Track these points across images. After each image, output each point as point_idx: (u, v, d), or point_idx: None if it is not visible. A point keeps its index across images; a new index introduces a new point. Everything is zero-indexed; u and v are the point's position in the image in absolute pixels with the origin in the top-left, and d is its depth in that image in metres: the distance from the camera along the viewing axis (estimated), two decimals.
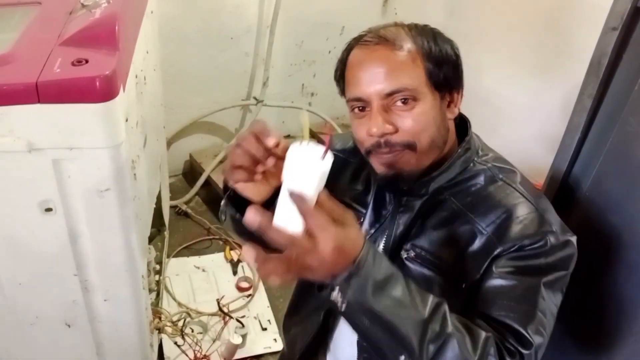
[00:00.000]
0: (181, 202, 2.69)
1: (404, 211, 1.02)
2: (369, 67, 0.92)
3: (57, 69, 1.11)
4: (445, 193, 1.00)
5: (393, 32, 0.94)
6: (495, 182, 0.99)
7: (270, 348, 2.05)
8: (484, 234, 0.95)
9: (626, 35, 1.01)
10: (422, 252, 1.00)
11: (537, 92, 2.31)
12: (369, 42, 0.94)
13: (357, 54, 0.96)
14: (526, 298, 0.89)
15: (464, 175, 1.00)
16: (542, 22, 2.23)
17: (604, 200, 1.10)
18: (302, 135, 0.78)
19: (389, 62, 0.91)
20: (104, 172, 1.20)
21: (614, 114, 1.05)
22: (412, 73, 0.91)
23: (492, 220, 0.95)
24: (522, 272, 0.91)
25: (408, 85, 0.90)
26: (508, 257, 0.92)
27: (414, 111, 0.92)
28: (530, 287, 0.90)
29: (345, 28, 2.92)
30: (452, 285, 0.97)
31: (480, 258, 0.94)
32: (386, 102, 0.92)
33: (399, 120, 0.92)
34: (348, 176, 1.14)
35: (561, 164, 1.16)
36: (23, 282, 1.36)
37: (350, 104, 0.96)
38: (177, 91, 2.62)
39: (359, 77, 0.93)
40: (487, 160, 1.02)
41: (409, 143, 0.92)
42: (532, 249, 0.91)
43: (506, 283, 0.91)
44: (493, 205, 0.96)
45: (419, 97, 0.92)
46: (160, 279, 2.16)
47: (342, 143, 1.18)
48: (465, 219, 0.97)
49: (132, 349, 1.58)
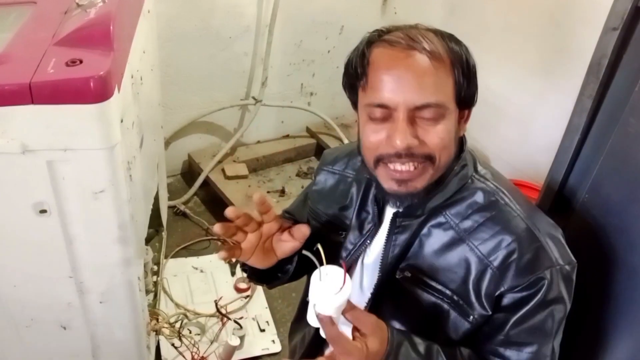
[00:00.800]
0: (179, 203, 2.68)
1: (399, 232, 0.99)
2: (401, 74, 0.85)
3: (50, 70, 1.10)
4: (443, 213, 0.97)
5: (429, 38, 0.87)
6: (496, 203, 0.95)
7: (268, 349, 2.03)
8: (488, 266, 0.92)
9: (626, 35, 0.99)
10: (420, 275, 0.98)
11: (538, 93, 2.31)
12: (400, 43, 0.86)
13: (386, 53, 0.88)
14: (537, 359, 0.93)
15: (462, 193, 0.97)
16: (543, 22, 2.22)
17: (604, 202, 1.08)
18: (322, 261, 0.84)
19: (423, 73, 0.85)
20: (99, 173, 1.19)
21: (614, 115, 1.04)
22: (445, 88, 0.87)
23: (496, 252, 0.92)
24: (533, 331, 0.92)
25: (440, 100, 0.86)
26: (514, 305, 0.92)
27: (439, 127, 0.87)
28: (543, 346, 0.93)
29: (344, 27, 2.91)
30: (456, 311, 0.96)
31: (485, 293, 0.93)
32: (413, 114, 0.86)
33: (423, 134, 0.87)
34: (337, 190, 1.12)
35: (561, 166, 1.15)
36: (18, 284, 1.35)
37: (369, 109, 0.89)
38: (175, 91, 2.61)
39: (386, 81, 0.86)
40: (485, 176, 0.99)
41: (431, 155, 0.88)
42: (536, 291, 0.90)
43: (520, 342, 0.93)
44: (496, 233, 0.93)
45: (446, 114, 0.87)
46: (158, 279, 2.15)
47: (331, 157, 1.17)
48: (469, 245, 0.94)
49: (128, 351, 1.58)
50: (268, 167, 2.98)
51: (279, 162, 3.02)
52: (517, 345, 0.93)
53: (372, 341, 0.83)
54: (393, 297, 1.02)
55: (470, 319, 0.95)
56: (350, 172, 1.11)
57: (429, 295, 0.98)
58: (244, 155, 2.92)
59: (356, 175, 1.09)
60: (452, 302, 0.96)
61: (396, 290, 1.01)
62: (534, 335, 0.92)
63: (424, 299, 0.98)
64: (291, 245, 0.97)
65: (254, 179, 2.86)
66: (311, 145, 3.10)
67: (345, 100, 0.96)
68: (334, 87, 3.05)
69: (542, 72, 2.27)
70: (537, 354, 0.93)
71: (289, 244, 0.97)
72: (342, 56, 0.98)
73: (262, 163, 2.95)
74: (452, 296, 0.96)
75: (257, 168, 2.94)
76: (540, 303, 0.90)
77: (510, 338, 0.93)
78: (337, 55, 2.95)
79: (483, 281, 0.93)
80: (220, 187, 2.67)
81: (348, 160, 1.12)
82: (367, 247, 1.05)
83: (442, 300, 0.97)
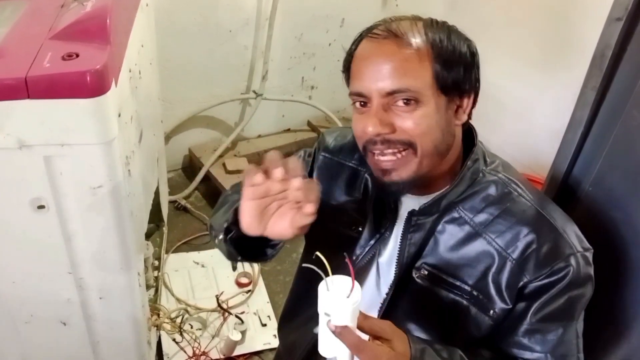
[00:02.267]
0: (180, 197, 2.68)
1: (414, 230, 0.99)
2: (374, 62, 0.88)
3: (47, 64, 1.09)
4: (457, 208, 0.96)
5: (405, 26, 0.89)
6: (509, 195, 0.95)
7: (269, 344, 2.03)
8: (507, 259, 0.92)
9: (630, 26, 0.98)
10: (437, 272, 0.97)
11: (541, 86, 2.29)
12: (378, 36, 0.89)
13: (365, 46, 0.91)
14: (565, 345, 0.93)
15: (475, 187, 0.96)
16: (545, 14, 2.21)
17: (607, 195, 1.07)
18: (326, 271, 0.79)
19: (394, 59, 0.87)
20: (97, 168, 1.18)
21: (617, 107, 1.02)
22: (417, 73, 0.87)
23: (514, 243, 0.92)
24: (556, 316, 0.91)
25: (411, 86, 0.86)
26: (537, 293, 0.91)
27: (415, 113, 0.87)
28: (567, 332, 0.93)
29: (345, 20, 2.90)
30: (476, 307, 0.95)
31: (505, 286, 0.93)
32: (387, 101, 0.87)
33: (398, 121, 0.88)
34: (344, 180, 1.09)
35: (563, 159, 1.14)
36: (17, 281, 1.34)
37: (352, 97, 0.92)
38: (175, 85, 2.60)
39: (362, 71, 0.89)
40: (496, 169, 0.99)
41: (409, 142, 0.88)
42: (558, 279, 0.90)
43: (543, 330, 0.92)
44: (512, 225, 0.93)
45: (422, 100, 0.87)
46: (159, 275, 2.14)
47: (335, 143, 1.13)
48: (485, 239, 0.94)
49: (129, 346, 1.57)
50: None
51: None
52: (541, 332, 0.92)
53: (397, 344, 0.81)
54: (410, 296, 1.01)
55: (490, 314, 0.94)
56: (356, 163, 1.08)
57: (447, 293, 0.97)
58: (244, 150, 2.91)
59: (368, 168, 1.05)
60: (472, 298, 0.95)
61: (413, 289, 1.00)
62: (557, 320, 0.92)
63: (442, 297, 0.97)
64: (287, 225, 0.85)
65: None
66: (312, 139, 3.08)
67: (346, 94, 0.96)
68: (335, 80, 3.00)
69: (544, 65, 2.26)
70: (561, 338, 0.92)
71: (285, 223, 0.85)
72: (342, 49, 0.99)
73: (263, 157, 2.93)
74: (471, 292, 0.95)
75: (258, 162, 2.90)
76: (562, 288, 0.90)
77: (533, 325, 0.92)
78: (338, 48, 2.90)
79: (503, 274, 0.92)
80: (221, 181, 2.66)
81: (355, 150, 1.05)
82: (385, 243, 1.04)
83: (461, 297, 0.96)
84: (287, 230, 0.84)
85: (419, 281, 0.99)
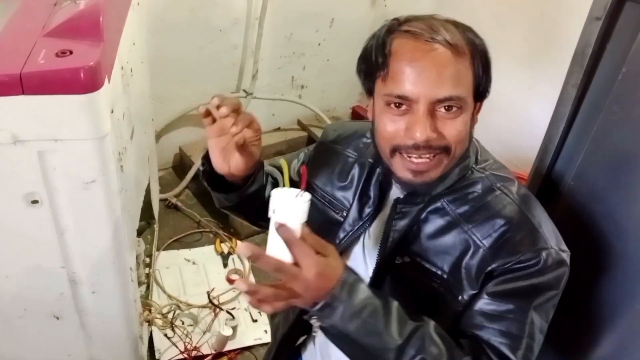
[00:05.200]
0: (171, 195, 2.69)
1: (399, 217, 1.00)
2: (424, 66, 0.85)
3: (41, 60, 1.11)
4: (442, 200, 0.98)
5: (451, 30, 0.87)
6: (493, 192, 0.97)
7: (260, 339, 2.05)
8: (480, 247, 0.93)
9: (609, 25, 1.01)
10: (417, 259, 0.99)
11: (527, 83, 2.33)
12: (423, 35, 0.86)
13: (409, 44, 0.87)
14: (517, 324, 0.91)
15: (462, 182, 0.98)
16: (531, 13, 2.24)
17: (589, 189, 1.10)
18: (283, 180, 0.87)
19: (446, 66, 0.85)
20: (90, 163, 1.20)
21: (598, 103, 1.06)
22: (466, 81, 0.87)
23: (489, 234, 0.93)
24: (513, 294, 0.91)
25: (460, 93, 0.86)
26: (501, 275, 0.92)
27: (458, 120, 0.88)
28: (521, 312, 0.91)
29: (334, 20, 2.91)
30: (449, 293, 0.97)
31: (475, 272, 0.94)
32: (433, 106, 0.87)
33: (443, 127, 0.88)
34: (337, 168, 1.12)
35: (546, 154, 1.17)
36: (10, 275, 1.36)
37: (388, 98, 0.89)
38: (166, 84, 2.61)
39: (408, 73, 0.86)
40: (486, 167, 1.01)
41: (447, 147, 0.89)
42: (525, 267, 0.90)
43: (498, 307, 0.92)
44: (490, 216, 0.94)
45: (465, 107, 0.88)
46: (150, 271, 2.16)
47: (335, 133, 1.17)
48: (462, 228, 0.95)
49: (121, 341, 1.59)
50: None
51: (270, 154, 3.02)
52: (495, 306, 0.92)
53: (332, 260, 0.82)
54: (392, 282, 1.03)
55: (459, 299, 0.96)
56: (352, 153, 1.11)
57: (427, 280, 0.99)
58: None
59: (358, 158, 1.10)
60: (448, 285, 0.97)
61: (395, 275, 1.02)
62: (513, 298, 0.91)
63: (422, 284, 0.99)
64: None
65: None
66: (302, 138, 3.10)
67: (336, 93, 0.98)
68: (325, 79, 3.06)
69: (530, 63, 2.29)
70: (514, 317, 0.91)
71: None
72: (332, 49, 1.00)
73: None
74: (447, 279, 0.97)
75: None
76: (526, 275, 0.90)
77: (487, 299, 0.92)
78: (328, 48, 2.95)
79: (474, 260, 0.94)
80: None
81: (351, 140, 1.13)
82: (367, 230, 1.06)
83: (438, 284, 0.98)
84: (238, 161, 0.97)
85: (400, 267, 1.01)
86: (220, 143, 0.96)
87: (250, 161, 0.99)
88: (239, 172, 1.00)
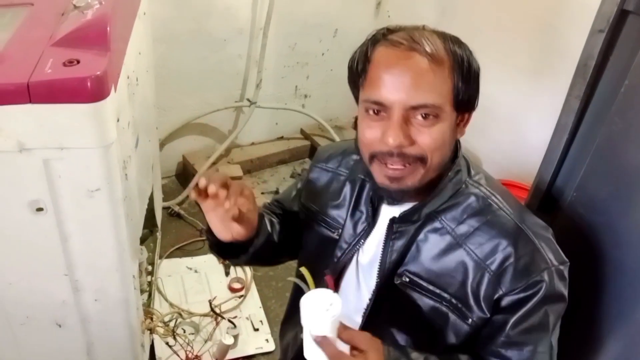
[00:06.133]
0: (174, 204, 2.69)
1: (397, 237, 1.01)
2: (400, 73, 0.87)
3: (48, 70, 1.11)
4: (439, 218, 0.98)
5: (431, 40, 0.89)
6: (489, 207, 0.98)
7: (262, 348, 2.05)
8: (485, 270, 0.94)
9: (612, 37, 1.02)
10: (417, 279, 1.00)
11: (528, 93, 2.33)
12: (402, 44, 0.88)
13: (387, 53, 0.89)
14: (541, 356, 0.96)
15: (457, 198, 0.99)
16: (533, 24, 2.25)
17: (591, 200, 1.11)
18: (309, 285, 0.90)
19: (422, 74, 0.86)
20: (95, 172, 1.21)
21: (600, 114, 1.06)
22: (442, 90, 0.88)
23: (493, 256, 0.94)
24: (533, 329, 0.94)
25: (435, 101, 0.87)
26: (514, 308, 0.94)
27: (434, 129, 0.89)
28: (544, 344, 0.96)
29: (338, 30, 2.93)
30: (453, 313, 0.98)
31: (483, 297, 0.95)
32: (407, 114, 0.88)
33: (417, 135, 0.89)
34: (330, 188, 1.14)
35: (549, 165, 1.17)
36: (13, 282, 1.36)
37: (366, 104, 0.92)
38: (170, 92, 2.63)
39: (385, 80, 0.88)
40: (479, 181, 1.01)
41: (422, 156, 0.90)
42: (534, 293, 0.93)
43: (521, 347, 0.95)
44: (492, 237, 0.95)
45: (441, 116, 0.89)
46: (152, 279, 2.16)
47: (325, 154, 1.18)
48: (465, 250, 0.96)
49: (123, 349, 1.58)
50: (262, 168, 3.00)
51: (273, 163, 3.03)
52: (518, 345, 0.95)
53: (371, 355, 0.85)
54: (392, 302, 1.03)
55: (469, 322, 0.97)
56: (343, 171, 1.13)
57: (427, 300, 0.99)
58: (238, 157, 2.93)
59: (350, 175, 1.11)
60: (451, 306, 0.98)
61: (395, 295, 1.02)
62: (533, 334, 0.94)
63: (422, 303, 1.00)
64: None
65: (248, 181, 2.87)
66: (305, 147, 3.11)
67: (339, 102, 0.99)
68: (328, 89, 3.07)
69: (531, 73, 2.30)
70: (536, 349, 0.95)
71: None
72: (335, 59, 1.02)
73: (256, 164, 2.97)
74: (450, 299, 0.97)
75: (251, 169, 2.96)
76: (537, 303, 0.93)
77: (510, 338, 0.95)
78: (331, 57, 2.97)
79: (482, 285, 0.95)
80: None
81: (342, 159, 1.14)
82: (361, 247, 1.07)
83: (440, 304, 0.99)
84: (238, 229, 0.99)
85: (400, 288, 1.01)
86: (218, 215, 0.97)
87: (249, 226, 1.01)
88: (242, 237, 1.02)
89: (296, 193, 1.23)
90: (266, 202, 1.27)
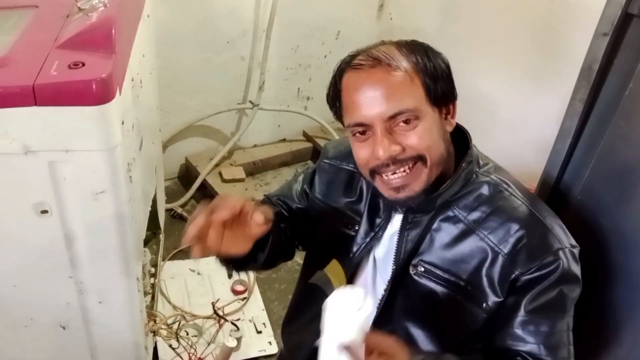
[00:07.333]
0: (177, 206, 2.69)
1: (411, 227, 1.03)
2: (368, 91, 0.92)
3: (53, 72, 1.12)
4: (452, 207, 1.01)
5: (387, 52, 0.94)
6: (501, 193, 1.00)
7: (265, 351, 2.05)
8: (499, 253, 0.96)
9: (617, 40, 1.02)
10: (433, 268, 1.01)
11: (531, 97, 2.33)
12: (363, 65, 0.93)
13: (353, 77, 0.95)
14: (558, 335, 0.96)
15: (468, 187, 1.01)
16: (536, 27, 2.25)
17: (596, 204, 1.11)
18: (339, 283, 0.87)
19: (388, 84, 0.91)
20: (100, 174, 1.21)
21: (605, 118, 1.06)
22: (412, 93, 0.92)
23: (506, 239, 0.96)
24: (549, 307, 0.95)
25: (410, 105, 0.91)
26: (529, 287, 0.95)
27: (417, 129, 0.92)
28: (561, 323, 0.96)
29: (340, 33, 2.94)
30: (468, 301, 0.99)
31: (498, 280, 0.96)
32: (388, 125, 0.92)
33: (404, 139, 0.93)
34: (342, 184, 1.15)
35: (553, 168, 1.17)
36: (18, 284, 1.36)
37: (351, 129, 0.96)
38: (173, 95, 2.63)
39: (358, 101, 0.93)
40: (489, 170, 1.04)
41: (419, 155, 0.94)
42: (549, 272, 0.94)
43: (538, 324, 0.95)
44: (504, 221, 0.97)
45: (421, 116, 0.92)
46: (155, 282, 2.16)
47: (335, 150, 1.20)
48: (478, 236, 0.98)
49: (127, 351, 1.59)
50: (265, 170, 3.00)
51: (276, 165, 3.03)
52: (534, 324, 0.95)
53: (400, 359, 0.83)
54: (407, 292, 1.05)
55: (484, 307, 0.98)
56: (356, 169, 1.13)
57: (442, 288, 1.01)
58: (241, 159, 2.93)
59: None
60: (466, 293, 0.99)
61: (410, 285, 1.04)
62: (550, 313, 0.95)
63: (438, 292, 1.01)
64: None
65: (251, 183, 2.88)
66: (307, 149, 3.12)
67: None
68: None
69: (534, 76, 2.29)
70: (553, 329, 0.95)
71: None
72: (338, 61, 1.02)
73: (259, 167, 2.97)
74: (465, 287, 0.99)
75: (254, 172, 2.96)
76: (553, 282, 0.94)
77: (526, 317, 0.95)
78: (334, 60, 2.90)
79: (495, 268, 0.96)
80: (218, 190, 2.68)
81: (352, 155, 1.14)
82: (378, 241, 1.08)
83: (455, 292, 1.00)
84: (245, 245, 0.94)
85: (415, 277, 1.02)
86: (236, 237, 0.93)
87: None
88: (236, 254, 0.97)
89: (301, 190, 1.23)
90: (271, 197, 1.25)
